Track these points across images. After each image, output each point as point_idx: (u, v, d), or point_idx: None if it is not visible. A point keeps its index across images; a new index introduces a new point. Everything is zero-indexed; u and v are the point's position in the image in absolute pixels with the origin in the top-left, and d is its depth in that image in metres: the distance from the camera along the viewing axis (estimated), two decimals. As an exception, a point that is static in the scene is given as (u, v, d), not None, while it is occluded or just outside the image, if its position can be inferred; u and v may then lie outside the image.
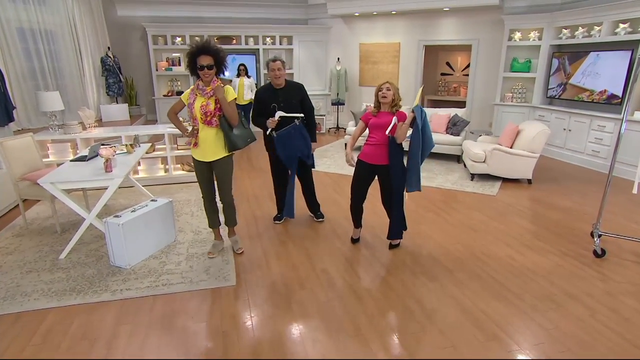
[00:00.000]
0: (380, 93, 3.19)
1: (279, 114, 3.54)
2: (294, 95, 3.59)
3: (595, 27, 6.14)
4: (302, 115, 3.63)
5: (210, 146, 3.05)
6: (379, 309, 2.66)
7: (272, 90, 3.61)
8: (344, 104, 9.28)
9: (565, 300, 2.76)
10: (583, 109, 6.40)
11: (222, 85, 3.02)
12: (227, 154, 3.12)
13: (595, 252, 3.40)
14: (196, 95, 3.00)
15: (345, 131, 7.44)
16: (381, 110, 3.24)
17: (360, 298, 2.79)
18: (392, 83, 3.20)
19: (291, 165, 3.70)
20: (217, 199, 3.33)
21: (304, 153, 3.68)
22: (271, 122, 3.54)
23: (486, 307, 2.67)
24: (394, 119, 3.12)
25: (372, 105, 3.33)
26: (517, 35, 7.26)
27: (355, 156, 3.38)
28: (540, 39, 7.04)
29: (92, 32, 7.85)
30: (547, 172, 5.95)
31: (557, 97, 6.93)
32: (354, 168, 3.41)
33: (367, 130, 3.34)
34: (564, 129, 6.60)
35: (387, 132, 3.13)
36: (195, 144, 3.06)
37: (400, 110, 3.22)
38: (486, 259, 3.35)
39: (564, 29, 6.68)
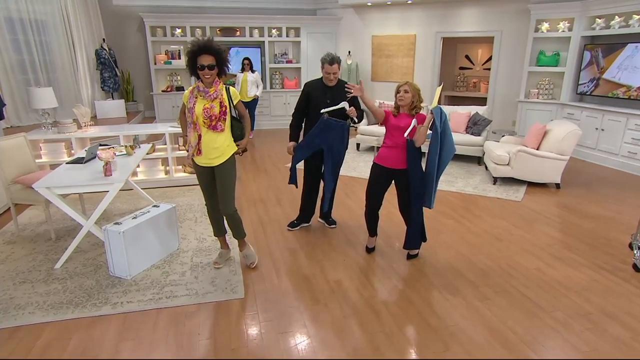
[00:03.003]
0: (398, 95, 3.19)
1: (344, 104, 3.55)
2: (343, 96, 3.63)
3: (635, 15, 6.07)
4: (356, 121, 3.70)
5: (216, 151, 3.03)
6: (398, 326, 2.66)
7: (322, 87, 3.70)
8: (355, 100, 9.27)
9: (602, 320, 2.73)
10: (618, 106, 6.33)
11: (224, 84, 3.01)
12: (230, 156, 3.11)
13: (635, 266, 3.36)
14: (196, 97, 2.96)
15: (356, 130, 7.42)
16: (401, 112, 3.24)
17: (377, 313, 2.79)
18: (413, 84, 3.19)
19: (305, 150, 3.75)
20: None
21: (333, 150, 3.71)
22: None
23: (515, 325, 2.66)
24: (414, 122, 3.12)
25: (385, 102, 3.32)
26: (545, 26, 7.21)
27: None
28: (570, 29, 6.98)
29: (85, 23, 7.91)
30: (577, 176, 5.90)
31: (588, 93, 6.87)
32: (369, 172, 3.42)
33: (383, 128, 3.34)
34: (596, 129, 6.55)
35: (405, 134, 3.12)
36: (199, 152, 3.03)
37: (420, 112, 3.22)
38: (513, 271, 3.33)
39: (597, 19, 6.62)
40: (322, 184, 3.95)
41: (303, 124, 3.85)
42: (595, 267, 3.40)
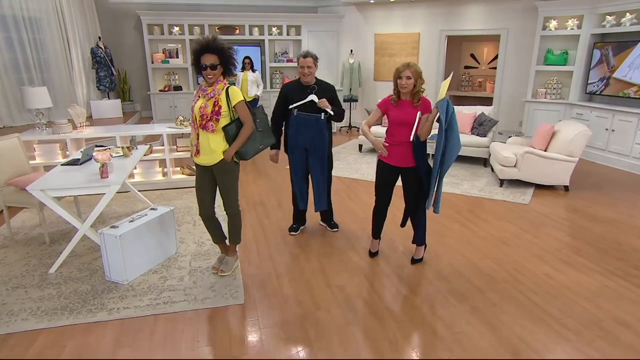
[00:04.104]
0: (399, 82, 3.08)
1: (312, 97, 3.54)
2: (322, 96, 3.62)
3: (647, 12, 6.08)
4: (330, 111, 3.66)
5: (211, 151, 3.02)
6: (403, 333, 2.65)
7: (299, 87, 3.69)
8: (357, 101, 9.28)
9: (614, 327, 2.72)
10: (629, 106, 6.33)
11: (226, 84, 3.00)
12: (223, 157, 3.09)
13: (646, 272, 3.36)
14: (199, 96, 3.00)
15: (358, 131, 7.44)
16: (401, 99, 3.15)
17: (381, 320, 2.78)
18: (415, 67, 3.05)
19: (292, 152, 3.78)
20: (218, 210, 3.31)
21: (315, 146, 3.72)
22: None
23: (524, 333, 2.64)
24: (418, 116, 3.06)
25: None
26: (553, 23, 7.22)
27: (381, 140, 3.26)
28: (579, 27, 6.99)
29: (81, 20, 7.93)
30: (587, 178, 5.89)
31: (598, 93, 6.87)
32: (374, 172, 3.42)
33: (384, 121, 3.31)
34: (606, 129, 6.54)
35: (411, 138, 3.08)
36: (198, 152, 3.04)
37: (423, 96, 3.13)
38: (520, 277, 3.32)
39: (608, 16, 6.62)
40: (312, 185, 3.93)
41: (282, 129, 3.83)
42: (606, 273, 3.39)
